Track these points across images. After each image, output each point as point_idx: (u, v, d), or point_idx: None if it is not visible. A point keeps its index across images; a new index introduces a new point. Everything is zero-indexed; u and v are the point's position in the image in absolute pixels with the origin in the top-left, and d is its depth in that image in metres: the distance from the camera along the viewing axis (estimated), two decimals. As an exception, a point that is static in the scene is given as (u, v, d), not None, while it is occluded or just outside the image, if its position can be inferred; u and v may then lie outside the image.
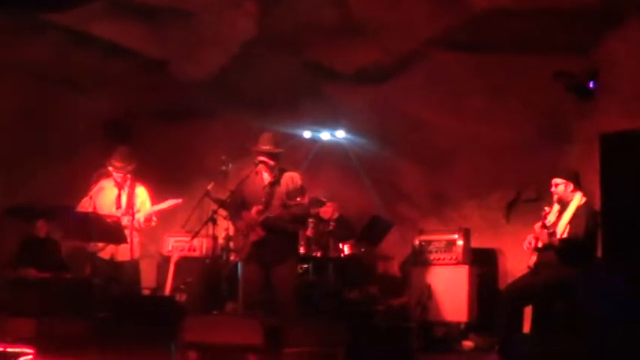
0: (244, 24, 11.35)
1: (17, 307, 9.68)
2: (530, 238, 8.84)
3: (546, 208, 8.91)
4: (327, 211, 11.59)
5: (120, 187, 9.97)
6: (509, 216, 12.57)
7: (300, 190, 8.76)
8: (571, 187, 8.76)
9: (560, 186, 8.79)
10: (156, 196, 10.24)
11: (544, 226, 8.66)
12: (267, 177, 8.91)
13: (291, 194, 8.72)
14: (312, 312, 9.77)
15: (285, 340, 7.38)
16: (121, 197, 9.97)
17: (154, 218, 9.98)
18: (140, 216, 9.82)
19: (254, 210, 8.76)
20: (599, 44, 10.73)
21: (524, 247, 8.92)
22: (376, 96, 12.63)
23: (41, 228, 11.23)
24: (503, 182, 12.45)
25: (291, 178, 8.93)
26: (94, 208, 9.63)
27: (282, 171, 8.99)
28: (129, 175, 9.91)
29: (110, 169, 9.89)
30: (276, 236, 8.73)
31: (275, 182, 8.89)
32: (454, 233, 11.32)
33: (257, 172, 8.94)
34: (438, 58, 11.85)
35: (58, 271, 10.68)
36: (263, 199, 8.82)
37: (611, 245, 7.70)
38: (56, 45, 11.51)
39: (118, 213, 9.80)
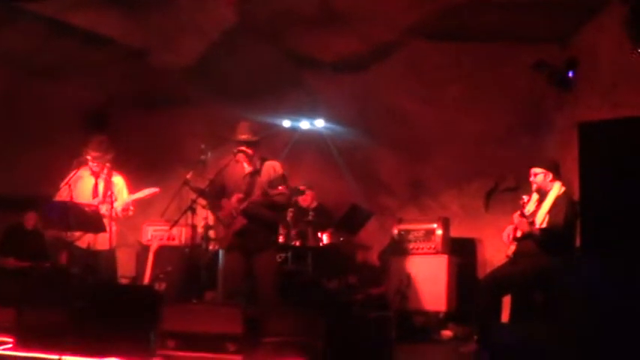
0: (224, 12, 11.31)
1: (-4, 296, 9.67)
2: (509, 229, 8.87)
3: (524, 197, 8.94)
4: (306, 200, 11.58)
5: (96, 175, 9.92)
6: (488, 205, 12.61)
7: (282, 179, 8.76)
8: (550, 176, 8.79)
9: (539, 175, 8.81)
10: (134, 185, 10.20)
11: (522, 215, 8.69)
12: (247, 166, 8.90)
13: (272, 183, 8.72)
14: (291, 301, 9.75)
15: (264, 330, 7.37)
16: (98, 186, 9.92)
17: (131, 207, 9.94)
18: (117, 205, 9.78)
19: (234, 198, 8.76)
20: (579, 34, 10.76)
21: (504, 239, 8.95)
22: (355, 85, 12.63)
23: (30, 219, 11.16)
24: (483, 171, 12.48)
25: (273, 167, 8.93)
26: (71, 197, 9.58)
27: (263, 160, 8.99)
28: (107, 164, 9.86)
29: (87, 158, 9.84)
30: (257, 225, 8.73)
31: (256, 172, 8.89)
32: (433, 222, 11.37)
33: (237, 161, 8.93)
34: (417, 47, 11.85)
35: (37, 261, 10.63)
36: (244, 188, 8.82)
37: (589, 235, 7.72)
38: (34, 34, 11.42)
39: (95, 202, 9.75)
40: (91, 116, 13.03)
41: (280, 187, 8.59)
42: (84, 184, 9.88)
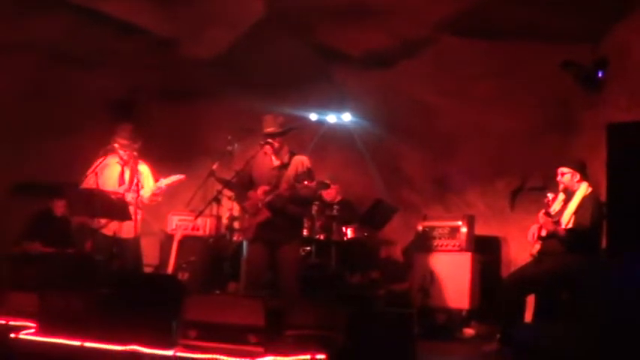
0: (253, 4, 11.30)
1: (20, 281, 9.72)
2: (534, 228, 8.85)
3: (549, 194, 8.93)
4: (331, 194, 11.58)
5: (124, 164, 9.98)
6: (513, 204, 12.56)
7: (309, 174, 8.76)
8: (577, 176, 8.77)
9: (566, 175, 8.80)
10: (161, 174, 10.23)
11: (547, 214, 8.66)
12: (274, 159, 8.92)
13: (299, 177, 8.73)
14: (314, 295, 9.76)
15: (286, 322, 7.38)
16: (125, 174, 9.98)
17: (160, 195, 9.99)
18: (144, 192, 9.83)
19: (261, 190, 8.78)
20: (609, 34, 10.69)
21: (529, 238, 8.93)
22: (383, 80, 12.61)
23: (59, 207, 11.18)
24: (509, 170, 12.44)
25: (301, 162, 8.95)
26: (97, 184, 9.62)
27: (292, 154, 9.01)
28: (135, 153, 9.90)
29: (116, 146, 9.88)
30: (282, 218, 8.75)
31: (284, 165, 8.91)
32: (458, 220, 11.34)
33: (265, 153, 8.96)
34: (446, 43, 11.80)
35: (62, 247, 10.67)
36: (271, 181, 8.84)
37: (616, 236, 7.67)
38: (65, 23, 11.46)
39: (121, 189, 9.80)
40: (119, 105, 13.07)
41: (306, 182, 8.58)
42: (111, 172, 9.93)
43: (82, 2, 11.09)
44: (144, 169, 10.13)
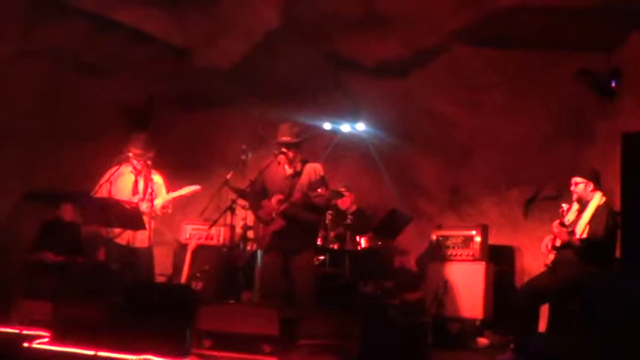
0: (268, 13, 11.33)
1: (34, 290, 9.74)
2: (548, 239, 8.84)
3: (564, 205, 8.92)
4: (345, 202, 11.58)
5: (138, 173, 10.01)
6: (527, 213, 12.53)
7: (322, 181, 8.77)
8: (591, 186, 8.76)
9: (580, 185, 8.79)
10: (174, 185, 10.26)
11: (562, 225, 8.65)
12: (288, 168, 8.93)
13: (312, 185, 8.73)
14: (328, 304, 9.75)
15: (300, 332, 7.38)
16: (138, 183, 10.01)
17: (170, 206, 10.02)
18: (157, 202, 9.85)
19: (275, 199, 8.80)
20: (623, 43, 10.67)
21: (542, 249, 8.92)
22: (396, 89, 12.60)
23: (67, 212, 11.19)
24: (523, 179, 12.40)
25: (314, 170, 8.96)
26: (110, 193, 9.64)
27: (304, 162, 9.02)
28: (148, 162, 9.93)
29: (130, 155, 9.91)
30: (296, 226, 8.76)
31: (297, 174, 8.93)
32: (472, 229, 11.29)
33: (279, 163, 8.99)
34: (460, 53, 11.80)
35: (74, 255, 10.68)
36: (284, 190, 8.85)
37: (630, 246, 7.65)
38: (80, 31, 11.52)
39: (135, 199, 9.83)
40: (133, 114, 13.10)
41: (320, 190, 8.59)
42: (124, 181, 9.96)
43: (95, 10, 11.15)
44: (157, 178, 10.16)
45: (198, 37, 11.78)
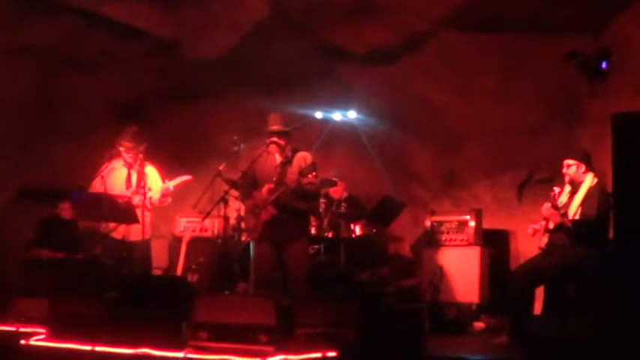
0: (256, 4, 11.33)
1: (30, 287, 9.73)
2: (540, 224, 8.86)
3: (555, 188, 8.94)
4: (338, 191, 11.58)
5: (130, 166, 10.00)
6: (521, 197, 12.55)
7: (312, 168, 8.77)
8: (583, 168, 8.77)
9: (572, 167, 8.80)
10: (167, 176, 10.25)
11: (555, 207, 8.66)
12: (278, 157, 8.94)
13: (303, 172, 8.74)
14: (323, 293, 9.76)
15: (296, 321, 7.39)
16: (131, 177, 10.01)
17: (170, 196, 10.03)
18: (153, 194, 9.85)
19: (265, 189, 8.80)
20: (612, 24, 10.69)
21: (529, 232, 8.97)
22: (387, 76, 12.60)
23: (66, 210, 11.18)
24: (515, 163, 12.42)
25: (304, 158, 8.97)
26: (105, 188, 9.65)
27: (294, 151, 9.03)
28: (140, 155, 9.92)
29: (121, 149, 9.90)
30: (288, 215, 8.78)
31: (287, 162, 8.93)
32: (466, 214, 11.32)
33: (269, 153, 9.00)
34: (449, 39, 11.82)
35: (71, 252, 10.68)
36: (275, 179, 8.85)
37: (623, 226, 7.66)
38: (68, 27, 11.50)
39: (129, 192, 9.83)
40: (124, 108, 13.08)
41: (310, 176, 8.59)
42: (117, 175, 9.96)
43: (83, 5, 11.13)
44: (150, 170, 10.15)
45: (187, 30, 11.76)
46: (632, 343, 6.34)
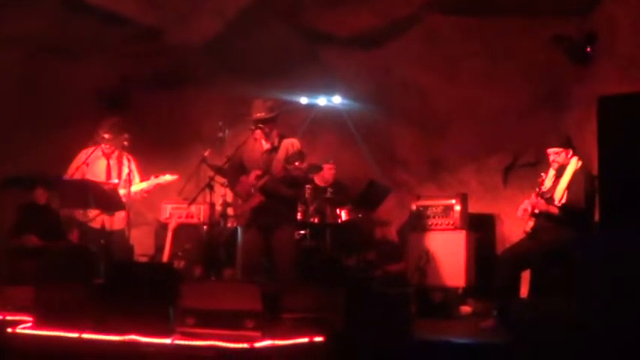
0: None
1: (16, 275, 9.71)
2: (526, 203, 8.88)
3: (542, 174, 8.94)
4: (325, 175, 11.57)
5: (108, 157, 9.94)
6: (506, 181, 12.56)
7: (299, 155, 8.74)
8: (570, 153, 8.80)
9: (560, 155, 8.82)
10: (152, 164, 10.24)
11: (540, 196, 8.69)
12: (265, 143, 8.92)
13: (289, 159, 8.71)
14: (310, 278, 9.77)
15: (283, 306, 7.39)
16: (111, 168, 9.94)
17: (144, 193, 9.99)
18: (133, 187, 9.79)
19: (252, 175, 8.79)
20: (597, 8, 10.69)
21: (518, 215, 8.99)
22: (372, 61, 12.59)
23: (41, 195, 11.15)
24: (501, 147, 12.43)
25: (291, 144, 8.95)
26: (84, 176, 9.62)
27: (281, 137, 9.01)
28: (125, 143, 9.85)
29: (102, 138, 9.85)
30: (275, 201, 8.77)
31: (274, 149, 8.91)
32: (452, 198, 11.33)
33: (256, 139, 8.98)
34: (434, 22, 11.82)
35: (56, 239, 10.65)
36: (262, 165, 8.84)
37: (608, 209, 7.69)
38: (51, 14, 11.44)
39: (111, 182, 9.78)
40: (108, 96, 13.02)
41: (297, 163, 8.58)
42: (98, 166, 9.91)
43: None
44: (129, 163, 10.08)
45: (170, 16, 11.71)
46: (617, 325, 6.36)
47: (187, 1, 11.47)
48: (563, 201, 8.56)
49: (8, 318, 8.06)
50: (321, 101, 12.59)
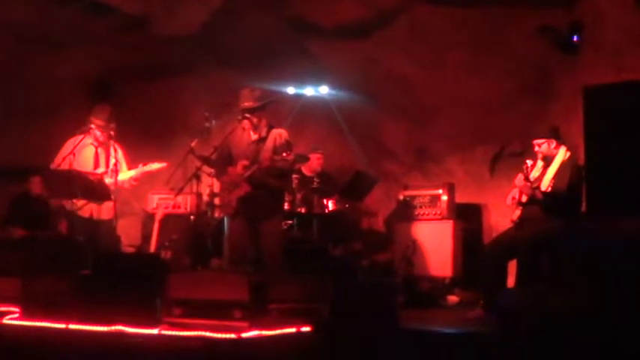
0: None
1: (2, 266, 9.68)
2: (514, 192, 8.90)
3: (528, 161, 8.95)
4: (313, 165, 11.58)
5: (99, 145, 9.91)
6: (493, 171, 12.58)
7: (287, 146, 8.73)
8: (554, 143, 8.82)
9: (543, 145, 8.85)
10: (139, 154, 10.21)
11: (527, 180, 8.70)
12: (252, 134, 8.91)
13: (277, 150, 8.71)
14: (297, 268, 9.77)
15: (270, 296, 7.39)
16: (100, 156, 9.92)
17: (134, 182, 9.97)
18: (122, 177, 9.77)
19: (240, 165, 8.77)
20: (583, -2, 10.71)
21: (508, 202, 8.99)
22: (358, 51, 12.57)
23: (36, 185, 11.12)
24: (487, 137, 12.44)
25: (279, 134, 8.94)
26: (71, 165, 9.59)
27: (270, 127, 8.99)
28: (111, 133, 9.84)
29: (92, 126, 9.82)
30: (263, 192, 8.76)
31: (262, 139, 8.90)
32: (438, 188, 11.36)
33: (244, 129, 8.96)
34: (420, 13, 11.79)
35: (42, 229, 10.63)
36: (250, 155, 8.83)
37: (595, 199, 7.71)
38: (36, 4, 11.39)
39: (98, 172, 9.75)
40: (95, 86, 12.99)
41: (285, 154, 8.57)
42: (86, 154, 9.88)
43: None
44: (117, 152, 10.06)
45: (157, 6, 11.67)
46: (604, 315, 6.38)
47: (173, -10, 11.46)
48: (549, 190, 8.58)
49: (-5, 309, 8.05)
50: (308, 91, 12.60)
